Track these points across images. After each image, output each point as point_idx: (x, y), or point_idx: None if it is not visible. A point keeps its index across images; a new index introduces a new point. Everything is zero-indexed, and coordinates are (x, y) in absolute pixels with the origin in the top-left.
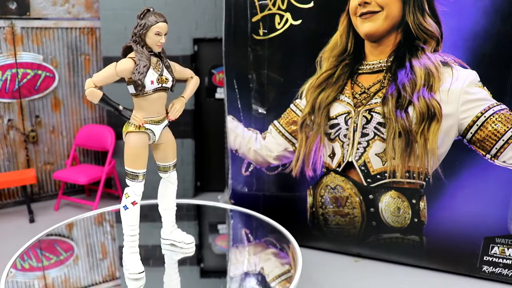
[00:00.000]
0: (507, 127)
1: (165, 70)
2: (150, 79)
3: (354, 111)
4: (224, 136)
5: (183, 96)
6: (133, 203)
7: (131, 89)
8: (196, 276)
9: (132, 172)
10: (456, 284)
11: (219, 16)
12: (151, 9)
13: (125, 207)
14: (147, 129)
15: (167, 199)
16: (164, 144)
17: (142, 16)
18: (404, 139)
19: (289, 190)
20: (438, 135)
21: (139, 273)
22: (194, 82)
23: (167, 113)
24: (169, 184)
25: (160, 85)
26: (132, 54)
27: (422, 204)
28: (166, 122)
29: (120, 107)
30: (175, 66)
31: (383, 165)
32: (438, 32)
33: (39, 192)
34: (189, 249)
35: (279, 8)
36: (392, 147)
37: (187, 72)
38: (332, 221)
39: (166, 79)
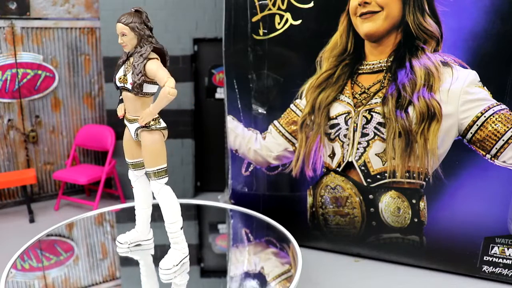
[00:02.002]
0: (507, 127)
1: (130, 71)
2: (116, 77)
3: (354, 111)
4: (224, 136)
5: None
6: (130, 186)
7: None
8: (196, 276)
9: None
10: (456, 284)
11: (219, 16)
12: (131, 10)
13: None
14: (124, 123)
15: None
16: (142, 147)
17: None
18: (404, 139)
19: (289, 190)
20: (438, 135)
21: (118, 241)
22: (160, 94)
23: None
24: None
25: (122, 84)
26: None
27: (422, 204)
28: (138, 124)
29: (121, 97)
30: (152, 68)
31: (383, 165)
32: (438, 32)
33: (39, 192)
34: (163, 275)
35: (279, 8)
36: (392, 147)
37: (160, 79)
38: (332, 221)
39: (126, 80)
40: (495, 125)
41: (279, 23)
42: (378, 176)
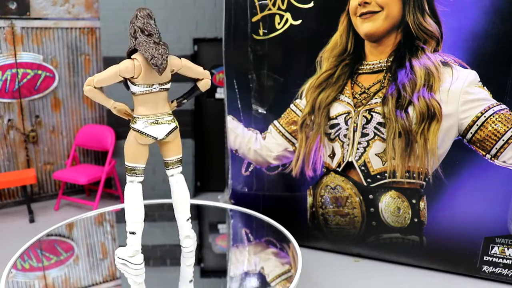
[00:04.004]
0: (507, 127)
1: None
2: None
3: (354, 111)
4: (224, 136)
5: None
6: None
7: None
8: (196, 276)
9: None
10: (456, 284)
11: (219, 16)
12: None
13: None
14: None
15: None
16: None
17: None
18: (404, 139)
19: (289, 190)
20: (438, 135)
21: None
22: None
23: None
24: None
25: None
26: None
27: (422, 204)
28: None
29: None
30: None
31: (383, 165)
32: (438, 32)
33: (39, 192)
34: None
35: (279, 8)
36: (392, 147)
37: None
38: (332, 221)
39: None
40: (495, 125)
41: (279, 23)
42: (378, 176)
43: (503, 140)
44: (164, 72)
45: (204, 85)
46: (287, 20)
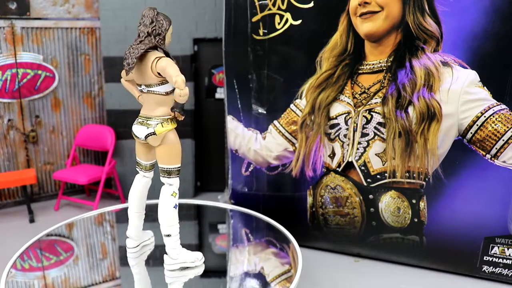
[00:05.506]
0: (507, 127)
1: None
2: None
3: (354, 111)
4: (224, 136)
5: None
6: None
7: (167, 87)
8: (196, 276)
9: (180, 167)
10: (456, 284)
11: (219, 16)
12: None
13: (175, 206)
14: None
15: None
16: None
17: (159, 16)
18: (404, 139)
19: (289, 190)
20: (438, 135)
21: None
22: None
23: None
24: None
25: None
26: (158, 53)
27: (422, 204)
28: None
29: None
30: None
31: (383, 165)
32: (438, 32)
33: (39, 192)
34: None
35: (279, 8)
36: (392, 147)
37: None
38: (332, 221)
39: None
40: (495, 125)
41: (279, 23)
42: (378, 176)
43: (503, 140)
44: (144, 73)
45: (175, 95)
46: (287, 20)
